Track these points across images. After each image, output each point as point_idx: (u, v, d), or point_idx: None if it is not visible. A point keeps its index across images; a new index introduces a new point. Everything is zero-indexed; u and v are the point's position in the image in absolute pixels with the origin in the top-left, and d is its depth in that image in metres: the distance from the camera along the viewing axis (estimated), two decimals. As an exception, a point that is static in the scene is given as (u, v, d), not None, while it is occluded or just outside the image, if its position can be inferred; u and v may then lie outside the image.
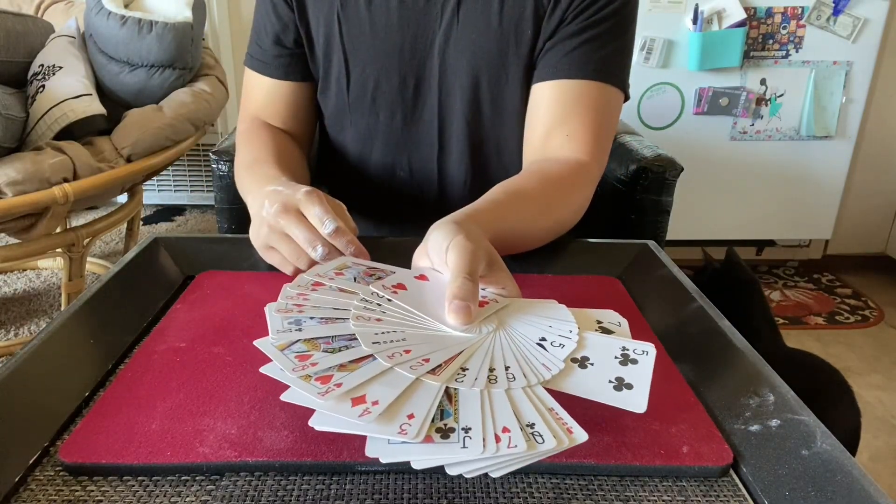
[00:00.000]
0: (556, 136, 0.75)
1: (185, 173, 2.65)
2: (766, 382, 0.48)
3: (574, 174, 0.73)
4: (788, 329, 2.15)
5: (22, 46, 1.62)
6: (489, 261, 0.51)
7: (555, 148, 0.75)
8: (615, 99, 0.77)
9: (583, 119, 0.75)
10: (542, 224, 0.69)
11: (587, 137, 0.74)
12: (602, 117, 0.76)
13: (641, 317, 0.59)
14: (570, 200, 0.72)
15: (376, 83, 0.81)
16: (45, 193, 1.36)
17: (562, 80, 0.75)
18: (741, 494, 0.40)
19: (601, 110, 0.76)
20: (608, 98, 0.76)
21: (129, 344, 0.54)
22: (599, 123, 0.75)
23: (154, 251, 0.70)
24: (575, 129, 0.74)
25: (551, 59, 0.76)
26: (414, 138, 0.84)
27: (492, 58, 0.78)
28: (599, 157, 0.76)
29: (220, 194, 0.95)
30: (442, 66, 0.79)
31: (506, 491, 0.39)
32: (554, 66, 0.76)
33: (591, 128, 0.75)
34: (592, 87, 0.75)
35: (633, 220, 0.94)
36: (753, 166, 2.25)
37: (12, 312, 1.93)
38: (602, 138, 0.76)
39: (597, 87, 0.75)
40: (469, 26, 0.77)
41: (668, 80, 2.13)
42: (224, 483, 0.39)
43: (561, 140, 0.75)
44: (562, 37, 0.75)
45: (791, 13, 2.09)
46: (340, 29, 0.80)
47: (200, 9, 1.73)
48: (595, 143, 0.75)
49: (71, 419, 0.44)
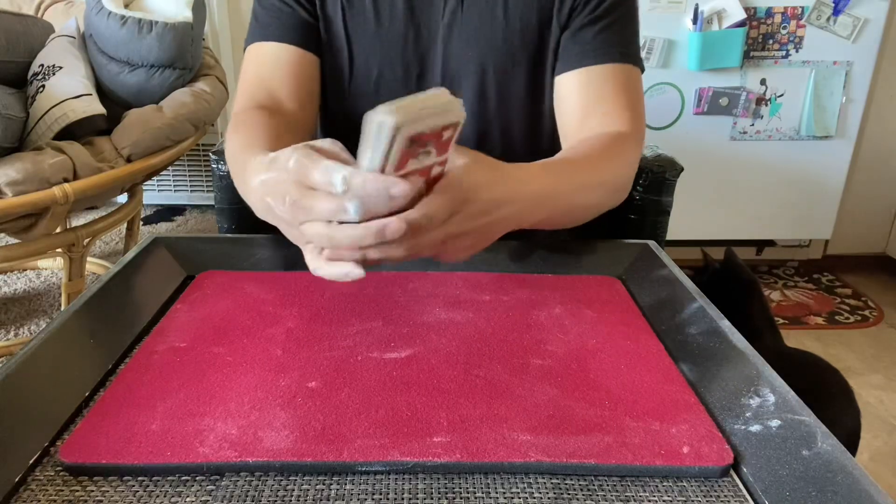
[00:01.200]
0: (592, 117, 0.77)
1: (185, 173, 2.65)
2: (767, 382, 0.48)
3: (618, 141, 0.74)
4: (788, 329, 2.15)
5: (22, 46, 1.62)
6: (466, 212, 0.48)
7: (593, 127, 0.77)
8: (637, 75, 0.81)
9: (616, 98, 0.78)
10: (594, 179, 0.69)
11: (624, 113, 0.77)
12: (633, 94, 0.79)
13: (641, 317, 0.59)
14: (617, 159, 0.73)
15: (379, 72, 0.82)
16: (45, 193, 1.36)
17: (589, 67, 0.78)
18: (742, 495, 0.40)
19: (630, 88, 0.79)
20: (633, 76, 0.80)
21: (129, 344, 0.54)
22: (631, 99, 0.78)
23: (154, 251, 0.70)
24: (610, 108, 0.77)
25: (573, 49, 0.79)
26: None
27: (497, 47, 0.79)
28: (638, 127, 0.78)
29: (220, 194, 0.95)
30: (446, 55, 0.80)
31: (506, 491, 0.39)
32: (578, 55, 0.78)
33: (626, 104, 0.78)
34: (618, 68, 0.78)
35: (633, 220, 0.94)
36: (753, 166, 2.25)
37: (12, 312, 1.93)
38: (637, 111, 0.79)
39: (622, 68, 0.79)
40: (474, 15, 0.78)
41: (668, 80, 2.13)
42: (224, 483, 0.39)
43: (598, 119, 0.77)
44: (578, 26, 0.78)
45: (791, 13, 2.09)
46: (344, 18, 0.80)
47: (200, 9, 1.72)
48: (632, 116, 0.77)
49: (71, 419, 0.44)
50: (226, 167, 0.93)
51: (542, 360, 0.51)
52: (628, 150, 0.76)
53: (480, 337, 0.54)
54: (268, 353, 0.51)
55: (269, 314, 0.57)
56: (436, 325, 0.56)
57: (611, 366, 0.51)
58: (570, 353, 0.52)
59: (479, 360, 0.51)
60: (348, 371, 0.49)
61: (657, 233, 0.94)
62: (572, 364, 0.51)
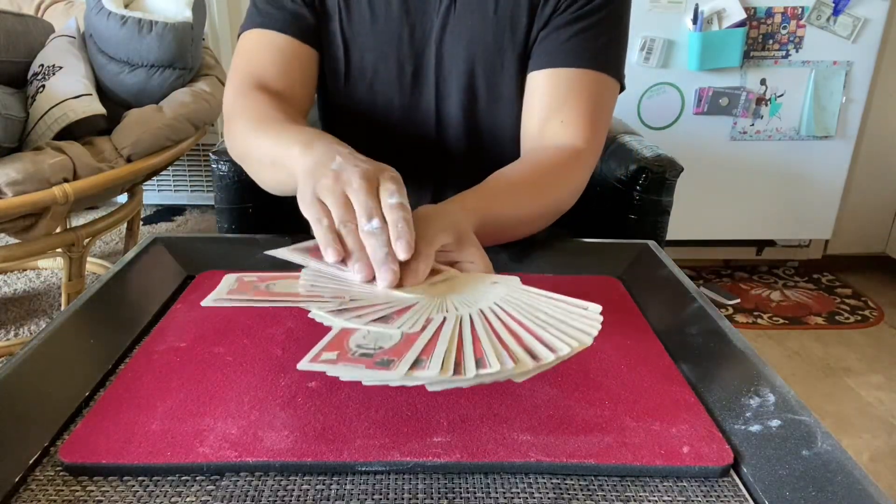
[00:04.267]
0: (551, 123, 0.76)
1: (185, 173, 2.65)
2: (767, 382, 0.48)
3: (568, 159, 0.74)
4: (788, 329, 2.15)
5: (22, 46, 1.62)
6: (458, 237, 0.52)
7: (550, 135, 0.76)
8: (610, 87, 0.79)
9: (577, 106, 0.76)
10: (533, 209, 0.69)
11: (582, 124, 0.75)
12: (596, 104, 0.77)
13: (642, 317, 0.59)
14: (562, 185, 0.73)
15: (374, 70, 0.82)
16: (45, 193, 1.36)
17: (557, 69, 0.77)
18: (742, 495, 0.40)
19: (596, 98, 0.77)
20: (603, 86, 0.78)
21: (129, 344, 0.54)
22: (594, 110, 0.76)
23: (154, 251, 0.70)
24: (570, 117, 0.76)
25: (546, 47, 0.78)
26: (411, 125, 0.85)
27: (488, 46, 0.79)
28: (594, 143, 0.77)
29: (220, 194, 0.95)
30: (439, 53, 0.80)
31: (506, 491, 0.39)
32: (549, 55, 0.77)
33: (586, 115, 0.76)
34: (587, 75, 0.76)
35: (633, 220, 0.94)
36: (753, 166, 2.25)
37: (12, 312, 1.93)
38: (597, 125, 0.77)
39: (591, 75, 0.77)
40: (466, 14, 0.79)
41: (668, 80, 2.13)
42: (224, 483, 0.39)
43: (556, 127, 0.76)
44: (555, 26, 0.77)
45: (791, 13, 2.09)
46: (342, 15, 0.80)
47: (200, 9, 1.72)
48: (590, 130, 0.76)
49: (71, 419, 0.44)
50: (226, 167, 0.93)
51: (542, 360, 0.51)
52: (577, 170, 0.74)
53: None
54: (268, 353, 0.51)
55: (269, 314, 0.57)
56: (436, 325, 0.56)
57: (611, 366, 0.51)
58: (570, 353, 0.52)
59: (479, 360, 0.51)
60: (348, 371, 0.49)
61: (657, 233, 0.94)
62: (572, 364, 0.51)
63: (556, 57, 0.77)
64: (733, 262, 2.58)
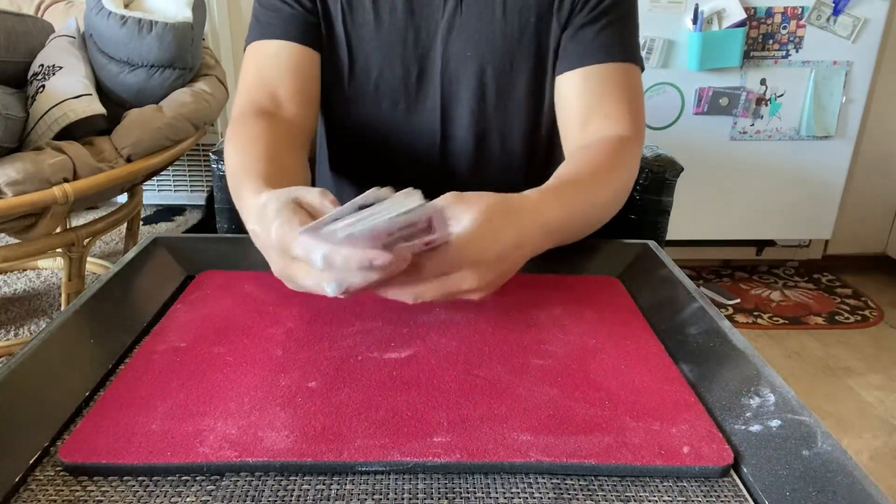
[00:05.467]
0: (594, 119, 0.77)
1: (185, 173, 2.64)
2: (767, 382, 0.48)
3: (620, 149, 0.75)
4: (788, 329, 2.15)
5: (22, 46, 1.62)
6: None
7: (595, 131, 0.77)
8: (638, 74, 0.81)
9: (617, 98, 0.78)
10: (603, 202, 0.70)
11: (624, 115, 0.77)
12: (632, 93, 0.79)
13: (641, 317, 0.59)
14: (621, 170, 0.74)
15: (379, 72, 0.82)
16: (45, 193, 1.36)
17: (590, 67, 0.78)
18: (742, 495, 0.40)
19: (631, 87, 0.79)
20: (633, 74, 0.80)
21: (129, 344, 0.54)
22: (631, 99, 0.79)
23: (154, 251, 0.70)
24: (611, 109, 0.77)
25: (576, 48, 0.79)
26: (416, 127, 0.85)
27: (497, 47, 0.79)
28: (638, 130, 0.79)
29: (220, 194, 0.95)
30: (445, 55, 0.80)
31: (506, 491, 0.39)
32: (580, 55, 0.79)
33: (626, 105, 0.78)
34: (618, 68, 0.79)
35: (633, 220, 0.94)
36: (753, 166, 2.25)
37: (12, 312, 1.93)
38: (637, 112, 0.79)
39: (622, 67, 0.79)
40: (473, 15, 0.79)
41: (668, 80, 2.13)
42: (224, 483, 0.39)
43: (600, 122, 0.77)
44: (578, 25, 0.78)
45: (791, 13, 2.09)
46: (345, 18, 0.80)
47: (200, 9, 1.72)
48: (632, 119, 0.78)
49: (71, 419, 0.44)
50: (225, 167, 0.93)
51: (542, 360, 0.51)
52: (631, 155, 0.76)
53: (480, 337, 0.54)
54: (268, 353, 0.51)
55: (269, 314, 0.57)
56: (436, 325, 0.56)
57: (611, 366, 0.51)
58: (570, 353, 0.52)
59: (479, 360, 0.51)
60: (348, 371, 0.49)
61: (657, 233, 0.94)
62: (572, 364, 0.51)
63: (587, 56, 0.78)
64: (733, 262, 2.59)
